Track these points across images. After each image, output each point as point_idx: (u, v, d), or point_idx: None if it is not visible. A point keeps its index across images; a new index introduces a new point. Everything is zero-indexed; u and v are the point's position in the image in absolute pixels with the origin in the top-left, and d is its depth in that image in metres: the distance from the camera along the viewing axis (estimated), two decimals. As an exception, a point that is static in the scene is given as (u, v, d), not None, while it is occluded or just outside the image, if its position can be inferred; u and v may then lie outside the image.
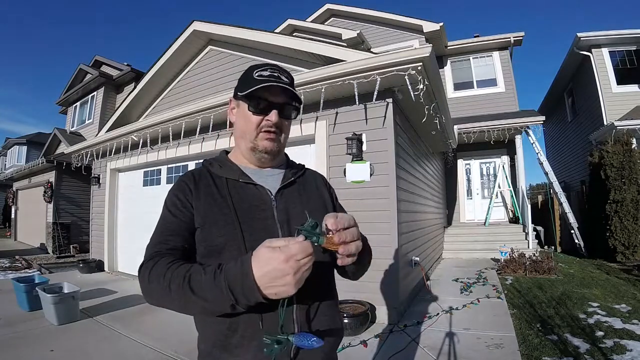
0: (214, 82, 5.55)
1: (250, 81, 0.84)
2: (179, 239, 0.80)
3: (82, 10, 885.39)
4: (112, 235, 6.93)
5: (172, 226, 0.82)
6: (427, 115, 4.18)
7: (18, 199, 13.48)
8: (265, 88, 0.82)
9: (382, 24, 9.93)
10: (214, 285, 0.64)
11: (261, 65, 0.87)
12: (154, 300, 0.73)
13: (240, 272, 0.63)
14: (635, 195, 6.83)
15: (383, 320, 3.60)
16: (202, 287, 0.66)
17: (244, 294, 0.63)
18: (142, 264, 0.76)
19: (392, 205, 3.69)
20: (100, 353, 2.99)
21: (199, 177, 0.88)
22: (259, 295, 0.62)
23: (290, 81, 0.87)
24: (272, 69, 0.85)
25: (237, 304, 0.64)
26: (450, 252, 7.95)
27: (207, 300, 0.66)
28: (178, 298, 0.68)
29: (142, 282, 0.74)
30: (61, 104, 13.20)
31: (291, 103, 0.87)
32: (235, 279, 0.63)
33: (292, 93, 0.85)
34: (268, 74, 0.83)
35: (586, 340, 2.98)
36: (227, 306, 0.65)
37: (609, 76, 8.89)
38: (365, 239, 0.85)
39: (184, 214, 0.83)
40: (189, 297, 0.67)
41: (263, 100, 0.84)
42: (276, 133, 0.86)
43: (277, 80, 0.82)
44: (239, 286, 0.62)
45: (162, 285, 0.70)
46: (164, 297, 0.71)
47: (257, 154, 0.88)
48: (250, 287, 0.61)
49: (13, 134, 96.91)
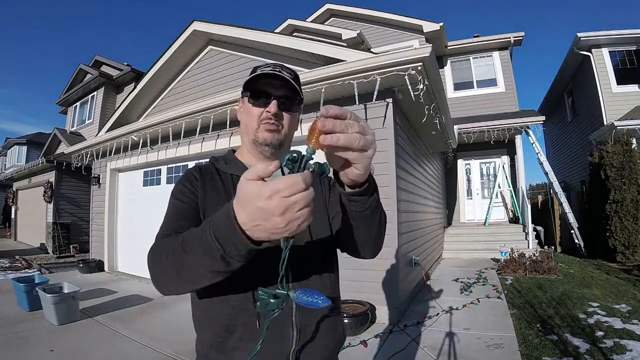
0: (214, 82, 5.55)
1: (252, 76, 0.85)
2: (188, 223, 0.78)
3: (82, 10, 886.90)
4: (112, 235, 6.93)
5: (181, 212, 0.81)
6: (427, 115, 4.18)
7: (18, 199, 13.47)
8: (266, 82, 0.83)
9: (382, 24, 9.93)
10: (202, 236, 0.58)
11: (265, 64, 0.88)
12: (159, 282, 0.69)
13: (224, 214, 0.54)
14: (635, 195, 6.83)
15: (383, 320, 3.60)
16: (192, 243, 0.60)
17: (231, 240, 0.54)
18: (148, 252, 0.73)
19: (392, 205, 3.70)
20: (100, 353, 2.99)
21: (205, 171, 0.89)
22: (247, 241, 0.53)
23: (293, 77, 0.87)
24: (275, 65, 0.86)
25: (226, 253, 0.55)
26: (450, 252, 7.95)
27: (197, 256, 0.59)
28: (175, 265, 0.63)
29: (149, 267, 0.70)
30: (61, 104, 13.21)
31: (293, 97, 0.86)
32: (219, 222, 0.55)
33: (294, 87, 0.84)
34: (270, 69, 0.84)
35: (586, 340, 2.98)
36: (218, 260, 0.56)
37: (609, 76, 8.89)
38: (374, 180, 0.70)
39: (192, 200, 0.83)
40: (182, 259, 0.62)
41: (263, 93, 0.85)
42: (276, 124, 0.86)
43: (279, 73, 0.83)
44: (223, 229, 0.54)
45: (162, 261, 0.67)
46: (165, 274, 0.67)
47: (258, 147, 0.88)
48: (233, 230, 0.53)
49: (13, 134, 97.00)
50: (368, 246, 0.83)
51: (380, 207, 0.78)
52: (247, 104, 0.87)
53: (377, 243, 0.84)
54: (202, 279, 0.63)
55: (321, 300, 0.58)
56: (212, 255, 0.56)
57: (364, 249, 0.83)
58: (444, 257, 7.82)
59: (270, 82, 0.83)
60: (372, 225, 0.77)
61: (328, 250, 0.89)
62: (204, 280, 0.64)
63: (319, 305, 0.58)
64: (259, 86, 0.84)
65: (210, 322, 0.78)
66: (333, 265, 0.92)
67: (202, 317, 0.81)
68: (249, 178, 0.50)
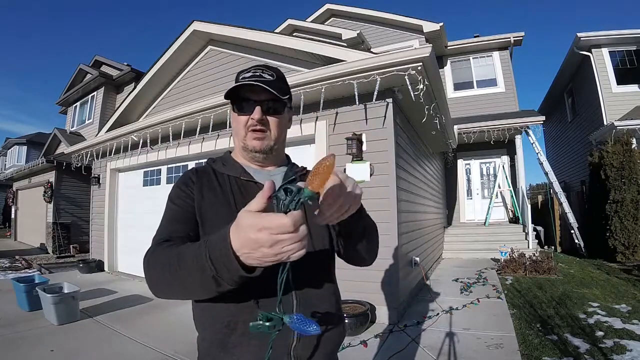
0: (214, 82, 5.55)
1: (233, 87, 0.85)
2: (183, 227, 0.80)
3: (82, 9, 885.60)
4: (112, 235, 6.93)
5: (177, 215, 0.83)
6: (427, 115, 4.17)
7: (18, 199, 13.48)
8: (247, 88, 0.83)
9: (382, 24, 9.93)
10: (197, 256, 0.61)
11: (247, 68, 0.88)
12: (154, 288, 0.72)
13: (221, 237, 0.58)
14: (635, 195, 6.83)
15: (383, 320, 3.61)
16: (187, 259, 0.63)
17: (223, 262, 0.57)
18: (145, 256, 0.75)
19: (392, 205, 3.69)
20: (100, 353, 2.99)
21: (202, 173, 0.90)
22: (239, 267, 0.56)
23: (276, 77, 0.86)
24: (255, 69, 0.86)
25: (218, 274, 0.58)
26: (450, 252, 7.95)
27: (190, 273, 0.62)
28: (169, 277, 0.66)
29: (145, 272, 0.73)
30: (61, 104, 13.21)
31: (277, 99, 0.85)
32: (215, 245, 0.58)
33: (277, 89, 0.83)
34: (250, 74, 0.84)
35: (586, 340, 2.98)
36: (210, 280, 0.59)
37: (609, 76, 8.89)
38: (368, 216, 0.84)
39: (188, 203, 0.84)
40: (177, 273, 0.64)
41: (245, 100, 0.85)
42: (263, 130, 0.86)
43: (257, 79, 0.82)
44: (217, 251, 0.57)
45: (157, 270, 0.69)
46: (161, 282, 0.70)
47: (249, 153, 0.89)
48: (227, 253, 0.56)
49: (13, 134, 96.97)
50: (361, 260, 0.91)
51: (371, 223, 0.86)
52: (232, 111, 0.89)
53: (370, 255, 0.91)
54: (193, 293, 0.69)
55: (312, 329, 0.60)
56: (205, 274, 0.60)
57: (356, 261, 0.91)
58: (444, 257, 7.82)
59: (252, 87, 0.83)
60: (362, 239, 0.84)
61: (327, 257, 0.91)
62: (195, 295, 0.70)
63: (310, 333, 0.61)
64: (241, 94, 0.85)
65: (212, 320, 0.79)
66: (332, 270, 0.93)
67: (203, 315, 0.82)
68: (250, 210, 0.54)
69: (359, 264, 0.92)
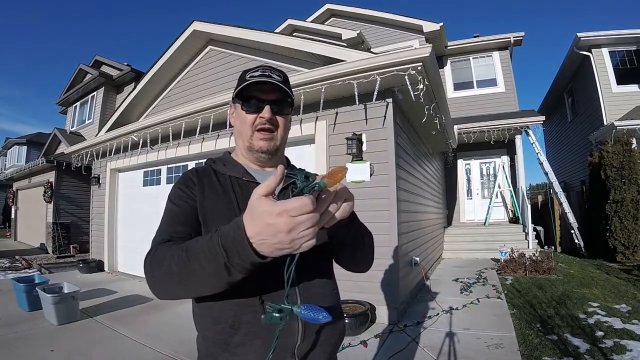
0: (214, 82, 5.55)
1: (242, 83, 0.85)
2: (184, 227, 0.80)
3: (82, 9, 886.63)
4: (112, 235, 6.93)
5: (177, 216, 0.82)
6: (427, 115, 4.18)
7: (18, 199, 13.48)
8: (257, 87, 0.83)
9: (382, 24, 9.93)
10: (209, 245, 0.61)
11: (253, 67, 0.88)
12: (158, 288, 0.71)
13: (234, 225, 0.58)
14: (635, 195, 6.83)
15: (383, 320, 3.61)
16: (198, 250, 0.63)
17: (237, 250, 0.57)
18: (146, 257, 0.75)
19: (392, 205, 3.69)
20: (100, 353, 2.99)
21: (202, 173, 0.89)
22: (252, 253, 0.56)
23: (283, 79, 0.87)
24: (264, 69, 0.86)
25: (230, 262, 0.58)
26: (450, 252, 7.95)
27: (201, 264, 0.62)
28: (178, 272, 0.65)
29: (146, 272, 0.72)
30: (61, 104, 13.21)
31: (284, 99, 0.87)
32: (228, 233, 0.59)
33: (284, 90, 0.85)
34: (259, 73, 0.84)
35: (586, 340, 2.99)
36: (221, 268, 0.60)
37: (609, 76, 8.89)
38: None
39: (189, 204, 0.83)
40: (186, 266, 0.64)
41: (255, 99, 0.85)
42: (271, 130, 0.86)
43: (268, 78, 0.83)
44: (231, 240, 0.58)
45: (163, 268, 0.68)
46: (167, 280, 0.69)
47: (254, 154, 0.89)
48: (241, 241, 0.56)
49: (13, 134, 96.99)
50: (354, 266, 0.92)
51: (365, 230, 0.88)
52: (239, 110, 0.88)
53: (362, 263, 0.92)
54: (200, 288, 0.67)
55: (322, 316, 0.61)
56: (216, 262, 0.60)
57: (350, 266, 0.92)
58: (444, 257, 7.82)
59: (261, 87, 0.83)
60: (356, 247, 0.85)
61: (327, 255, 0.91)
62: (202, 290, 0.68)
63: (320, 321, 0.61)
64: (250, 92, 0.85)
65: (214, 320, 0.78)
66: (332, 268, 0.94)
67: (205, 315, 0.81)
68: (261, 194, 0.54)
69: (353, 269, 0.94)
